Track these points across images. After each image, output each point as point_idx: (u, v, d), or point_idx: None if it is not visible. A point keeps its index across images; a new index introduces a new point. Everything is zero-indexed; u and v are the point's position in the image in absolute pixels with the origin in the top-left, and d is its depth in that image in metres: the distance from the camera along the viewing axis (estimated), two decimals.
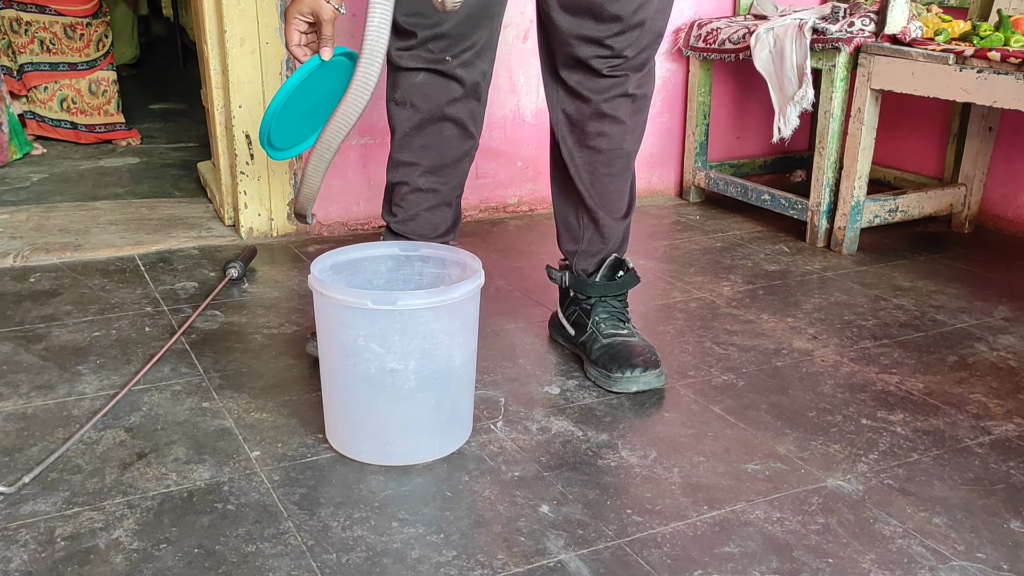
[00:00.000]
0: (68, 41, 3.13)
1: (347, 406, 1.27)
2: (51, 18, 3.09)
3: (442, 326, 1.23)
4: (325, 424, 1.33)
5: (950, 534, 1.14)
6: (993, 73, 1.87)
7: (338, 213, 2.30)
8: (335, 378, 1.27)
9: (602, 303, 1.58)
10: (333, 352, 1.26)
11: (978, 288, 1.99)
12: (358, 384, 1.24)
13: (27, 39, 3.09)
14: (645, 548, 1.10)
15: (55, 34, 3.11)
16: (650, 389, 1.49)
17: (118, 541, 1.10)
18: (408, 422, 1.26)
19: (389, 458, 1.27)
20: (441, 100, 1.45)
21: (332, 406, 1.31)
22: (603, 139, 1.49)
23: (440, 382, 1.26)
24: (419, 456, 1.28)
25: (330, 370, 1.28)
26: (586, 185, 1.53)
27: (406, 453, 1.28)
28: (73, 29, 3.12)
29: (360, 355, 1.22)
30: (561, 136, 1.53)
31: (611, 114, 1.47)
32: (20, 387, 1.47)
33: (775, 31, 2.21)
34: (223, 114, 2.18)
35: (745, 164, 2.74)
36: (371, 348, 1.21)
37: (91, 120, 3.21)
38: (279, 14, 2.08)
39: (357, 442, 1.28)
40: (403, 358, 1.22)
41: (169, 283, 1.92)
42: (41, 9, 3.08)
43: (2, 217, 2.32)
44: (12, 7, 3.06)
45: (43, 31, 3.10)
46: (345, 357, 1.23)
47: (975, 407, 1.47)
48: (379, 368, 1.22)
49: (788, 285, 1.99)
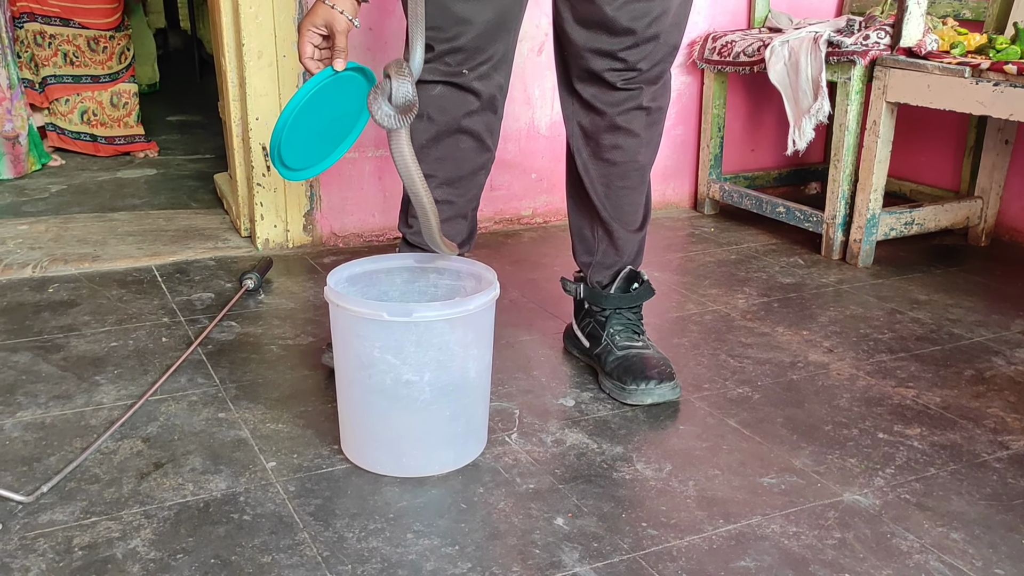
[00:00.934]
0: (91, 54, 3.17)
1: (362, 417, 1.28)
2: (75, 31, 3.13)
3: (457, 338, 1.23)
4: (340, 435, 1.34)
5: (968, 549, 1.14)
6: (1009, 86, 1.86)
7: (353, 225, 2.31)
8: (350, 389, 1.28)
9: (617, 315, 1.58)
10: (349, 363, 1.26)
11: (995, 301, 1.98)
12: (373, 395, 1.24)
13: (51, 52, 3.13)
14: (660, 562, 1.10)
15: (79, 47, 3.15)
16: (665, 402, 1.49)
17: (135, 551, 1.10)
18: (423, 433, 1.26)
19: (404, 470, 1.27)
20: (458, 113, 1.45)
21: (347, 417, 1.31)
22: (617, 152, 1.50)
23: (455, 394, 1.26)
24: (434, 468, 1.28)
25: (345, 381, 1.28)
26: (600, 198, 1.53)
27: (421, 465, 1.28)
28: (96, 42, 3.17)
29: (375, 366, 1.22)
30: (576, 149, 1.53)
31: (625, 127, 1.48)
32: (39, 397, 1.48)
33: (790, 44, 2.21)
34: (240, 126, 2.20)
35: (760, 176, 2.74)
36: (386, 359, 1.21)
37: (111, 132, 3.25)
38: (296, 27, 2.09)
39: (372, 453, 1.29)
40: (418, 369, 1.22)
41: (186, 294, 1.93)
42: (65, 22, 3.12)
43: (21, 228, 2.35)
44: (36, 21, 3.10)
45: (67, 44, 3.14)
46: (360, 368, 1.24)
47: (993, 421, 1.46)
48: (394, 379, 1.22)
49: (803, 298, 1.99)
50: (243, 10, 2.04)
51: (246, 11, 2.04)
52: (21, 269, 2.04)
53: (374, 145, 2.27)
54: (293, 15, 2.08)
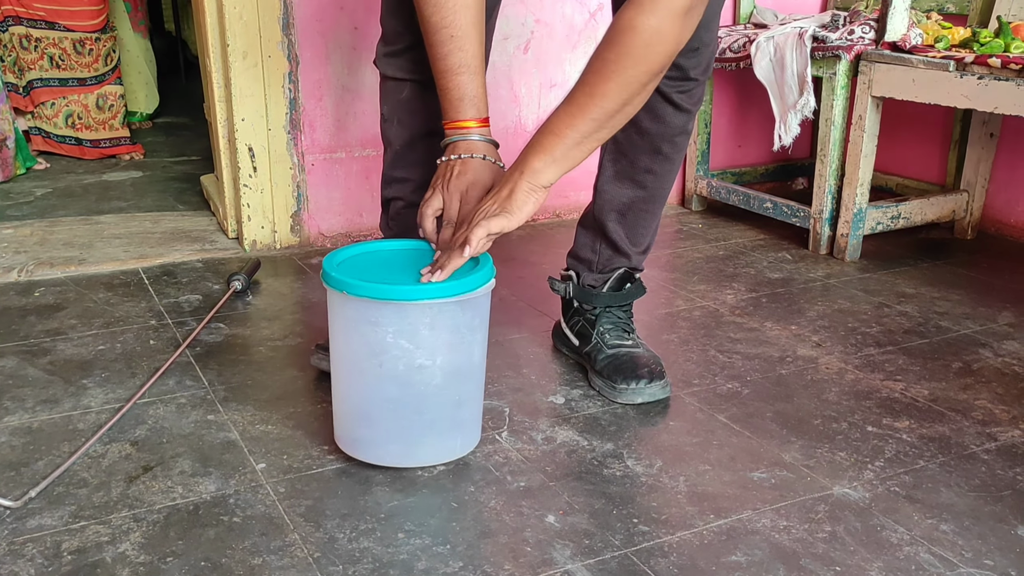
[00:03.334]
0: (77, 56, 3.16)
1: (371, 408, 1.25)
2: (60, 34, 3.12)
3: (467, 320, 1.22)
4: (337, 433, 1.32)
5: (957, 541, 1.14)
6: (994, 79, 1.87)
7: (341, 225, 2.30)
8: (359, 380, 1.24)
9: (607, 314, 1.57)
10: (357, 352, 1.22)
11: (982, 294, 1.99)
12: (384, 383, 1.22)
13: (36, 55, 3.12)
14: (652, 557, 1.10)
15: (64, 50, 3.14)
16: (655, 400, 1.49)
17: (124, 555, 1.10)
18: (434, 419, 1.25)
19: (413, 460, 1.27)
20: (428, 115, 1.40)
21: (351, 411, 1.28)
22: (650, 176, 1.48)
23: (462, 377, 1.25)
24: (442, 456, 1.28)
25: (353, 372, 1.24)
26: (613, 220, 1.51)
27: (431, 455, 1.27)
28: (82, 44, 3.16)
29: (388, 352, 1.20)
30: (602, 165, 1.50)
31: (667, 153, 1.45)
32: (25, 401, 1.47)
33: (775, 40, 2.22)
34: (226, 127, 2.19)
35: (747, 172, 2.74)
36: (400, 344, 1.19)
37: (96, 135, 3.23)
38: (281, 28, 2.09)
39: (381, 446, 1.26)
40: (431, 353, 1.20)
41: (173, 296, 1.93)
42: (51, 25, 3.11)
43: (6, 232, 2.33)
44: (22, 24, 3.08)
45: (53, 47, 3.12)
46: (371, 356, 1.21)
47: (981, 413, 1.47)
48: (407, 365, 1.20)
49: (791, 293, 1.99)
50: (228, 10, 2.03)
51: (231, 11, 2.04)
52: (6, 273, 2.03)
53: (360, 145, 2.27)
54: (277, 15, 2.08)
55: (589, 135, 1.18)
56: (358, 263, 1.27)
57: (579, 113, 1.17)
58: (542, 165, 1.19)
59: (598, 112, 1.16)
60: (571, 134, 1.18)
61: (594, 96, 1.15)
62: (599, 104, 1.15)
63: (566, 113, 1.18)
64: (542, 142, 1.19)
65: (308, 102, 2.18)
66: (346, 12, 2.16)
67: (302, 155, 2.21)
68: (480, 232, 1.18)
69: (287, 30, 2.10)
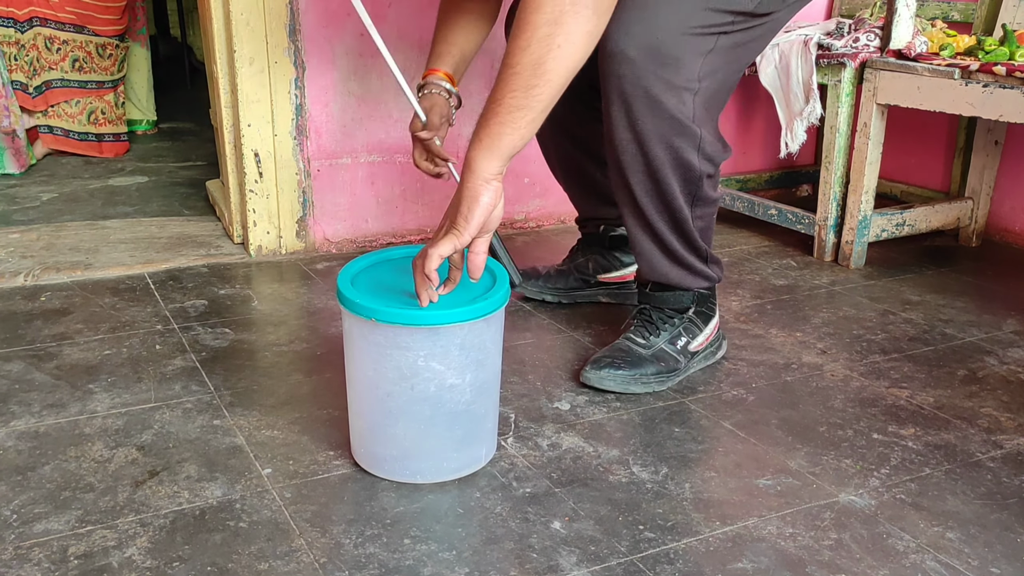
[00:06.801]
0: (99, 60, 3.25)
1: (401, 429, 1.24)
2: (87, 38, 3.21)
3: (491, 335, 1.24)
4: (358, 451, 1.30)
5: (964, 549, 1.14)
6: (999, 87, 1.87)
7: (346, 230, 2.31)
8: (388, 403, 1.23)
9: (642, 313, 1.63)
10: (386, 376, 1.21)
11: (987, 302, 1.99)
12: (416, 405, 1.22)
13: (58, 57, 3.18)
14: (658, 564, 1.10)
15: (88, 53, 3.22)
16: (606, 389, 1.53)
17: (131, 559, 1.10)
18: (464, 435, 1.26)
19: (443, 474, 1.27)
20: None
21: (379, 432, 1.26)
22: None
23: (488, 391, 1.26)
24: (468, 468, 1.28)
25: (382, 395, 1.22)
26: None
27: (458, 467, 1.27)
28: (104, 48, 3.25)
29: (419, 375, 1.19)
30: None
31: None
32: (32, 406, 1.47)
33: (780, 47, 2.22)
34: (232, 133, 2.19)
35: (751, 179, 2.74)
36: (431, 367, 1.19)
37: (117, 129, 3.35)
38: (287, 34, 2.10)
39: (410, 464, 1.26)
40: (461, 372, 1.21)
41: (179, 301, 1.93)
42: (79, 29, 3.18)
43: (12, 236, 2.34)
44: (48, 26, 3.13)
45: (78, 50, 3.21)
46: (402, 380, 1.20)
47: (986, 421, 1.46)
48: (438, 386, 1.20)
49: (796, 299, 1.99)
50: (234, 16, 2.04)
51: (237, 17, 2.04)
52: (13, 278, 2.04)
53: (366, 150, 2.27)
54: (284, 21, 2.08)
55: (513, 110, 1.15)
56: (370, 281, 1.27)
57: (498, 88, 1.16)
58: (479, 156, 1.17)
59: (515, 82, 1.15)
60: (498, 112, 1.16)
61: (509, 67, 1.15)
62: (515, 74, 1.14)
63: (490, 98, 1.18)
64: (476, 134, 1.18)
65: (314, 108, 2.19)
66: (353, 18, 2.17)
67: (308, 160, 2.21)
68: (432, 263, 1.15)
69: (294, 36, 2.11)
